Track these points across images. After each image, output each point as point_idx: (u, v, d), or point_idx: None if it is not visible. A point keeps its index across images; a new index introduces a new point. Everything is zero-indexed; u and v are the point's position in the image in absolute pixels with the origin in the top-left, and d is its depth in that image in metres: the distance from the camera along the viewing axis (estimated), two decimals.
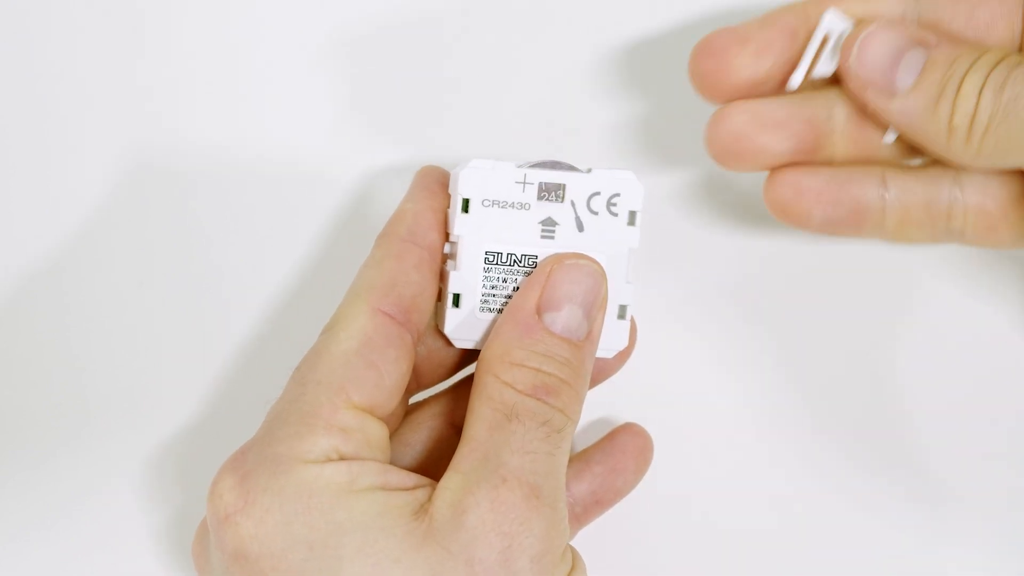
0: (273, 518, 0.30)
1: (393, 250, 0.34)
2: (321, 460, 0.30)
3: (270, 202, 0.43)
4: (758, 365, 0.42)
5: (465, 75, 0.42)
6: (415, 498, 0.31)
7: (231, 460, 0.31)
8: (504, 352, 0.33)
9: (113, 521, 0.40)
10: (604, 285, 0.34)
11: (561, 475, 0.32)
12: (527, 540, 0.30)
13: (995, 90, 0.32)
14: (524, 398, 0.32)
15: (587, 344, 0.33)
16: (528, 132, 0.42)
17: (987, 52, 0.32)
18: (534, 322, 0.33)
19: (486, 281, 0.34)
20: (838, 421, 0.41)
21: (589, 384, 0.34)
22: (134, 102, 0.43)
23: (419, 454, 0.37)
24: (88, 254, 0.42)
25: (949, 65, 0.32)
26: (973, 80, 0.32)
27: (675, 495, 0.41)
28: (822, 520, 0.41)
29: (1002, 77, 0.32)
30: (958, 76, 0.32)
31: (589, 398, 0.39)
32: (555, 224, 0.34)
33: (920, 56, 0.33)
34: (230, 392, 0.42)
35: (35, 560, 0.39)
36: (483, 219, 0.34)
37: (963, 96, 0.32)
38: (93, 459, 0.40)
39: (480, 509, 0.30)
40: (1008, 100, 0.31)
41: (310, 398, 0.31)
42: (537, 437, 0.31)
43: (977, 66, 0.32)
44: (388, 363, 0.32)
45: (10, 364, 0.41)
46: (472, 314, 0.35)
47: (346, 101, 0.42)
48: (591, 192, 0.34)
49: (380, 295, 0.33)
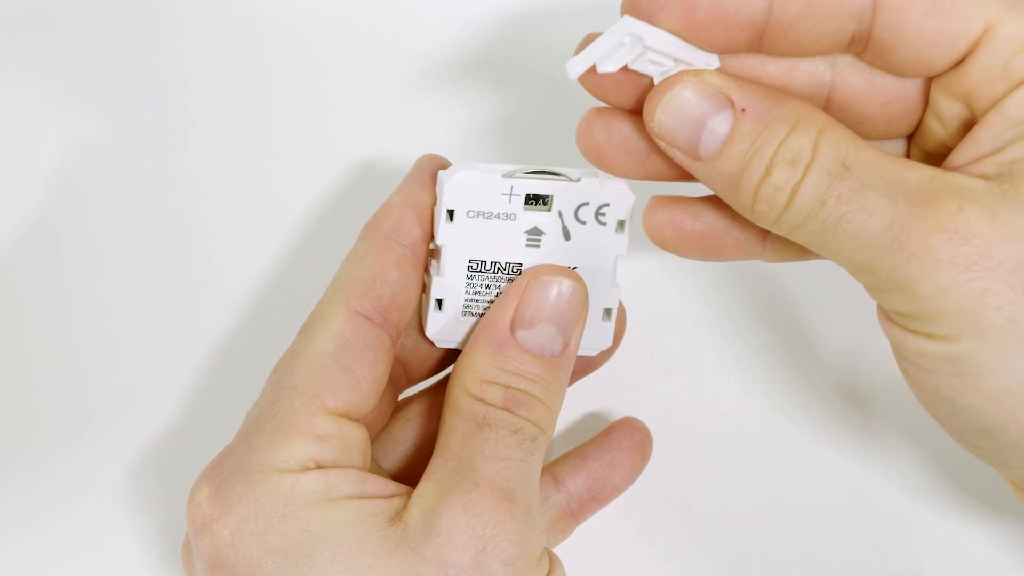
0: (249, 527, 0.30)
1: (375, 246, 0.33)
2: (297, 469, 0.30)
3: (270, 202, 0.43)
4: (759, 363, 0.41)
5: (468, 71, 0.42)
6: (391, 506, 0.31)
7: (209, 468, 0.31)
8: (476, 368, 0.33)
9: (113, 521, 0.40)
10: (583, 302, 0.33)
11: (535, 482, 0.32)
12: (501, 544, 0.30)
13: (814, 200, 0.28)
14: (495, 410, 0.32)
15: (562, 358, 0.33)
16: (527, 134, 0.42)
17: (800, 126, 0.28)
18: (507, 338, 0.33)
19: (469, 288, 0.34)
20: (839, 419, 0.41)
21: (570, 381, 0.34)
22: (134, 101, 0.43)
23: (408, 450, 0.37)
24: (88, 254, 0.42)
25: (753, 140, 0.29)
26: (783, 174, 0.28)
27: (675, 491, 0.40)
28: (823, 519, 0.40)
29: (823, 182, 0.28)
30: (765, 157, 0.29)
31: (588, 391, 0.39)
32: (541, 233, 0.34)
33: (726, 121, 0.29)
34: (230, 392, 0.42)
35: (34, 560, 0.39)
36: (468, 228, 0.33)
37: (773, 185, 0.29)
38: (93, 459, 0.40)
39: (453, 513, 0.30)
40: (830, 218, 0.28)
41: (285, 404, 0.31)
42: (510, 444, 0.31)
43: (788, 146, 0.28)
44: (364, 366, 0.32)
45: (10, 364, 0.41)
46: (455, 317, 0.34)
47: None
48: (579, 203, 0.33)
49: (358, 295, 0.33)
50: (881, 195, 0.27)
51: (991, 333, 0.27)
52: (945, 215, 0.27)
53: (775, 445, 0.41)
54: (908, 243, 0.27)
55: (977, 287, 0.26)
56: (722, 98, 0.29)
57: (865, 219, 0.28)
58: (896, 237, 0.27)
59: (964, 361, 0.27)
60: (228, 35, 0.43)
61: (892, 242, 0.27)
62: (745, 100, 0.29)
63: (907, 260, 0.27)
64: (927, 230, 0.27)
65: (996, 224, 0.27)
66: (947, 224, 0.27)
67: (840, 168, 0.28)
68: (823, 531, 0.40)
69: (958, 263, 0.27)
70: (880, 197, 0.27)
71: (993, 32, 0.27)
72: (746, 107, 0.29)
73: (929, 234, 0.27)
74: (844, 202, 0.28)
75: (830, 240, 0.28)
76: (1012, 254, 0.26)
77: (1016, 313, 0.26)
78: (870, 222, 0.27)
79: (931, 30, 0.28)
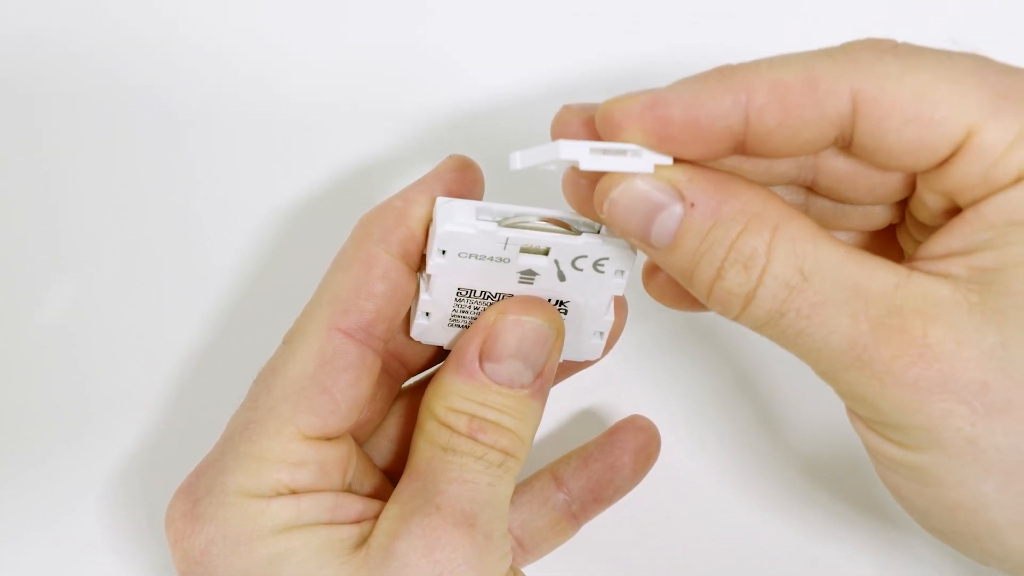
0: (217, 548, 0.31)
1: (361, 255, 0.32)
2: (269, 495, 0.31)
3: (271, 202, 0.43)
4: (761, 362, 0.41)
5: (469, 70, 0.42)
6: (359, 530, 0.31)
7: (185, 484, 0.32)
8: (444, 395, 0.33)
9: (113, 521, 0.40)
10: (552, 336, 0.33)
11: (500, 505, 0.32)
12: (459, 568, 0.30)
13: (772, 310, 0.27)
14: (460, 437, 0.32)
15: (534, 387, 0.33)
16: (528, 130, 0.42)
17: (753, 226, 0.27)
18: (474, 369, 0.33)
19: (457, 307, 0.33)
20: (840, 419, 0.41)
21: (559, 379, 0.34)
22: (134, 101, 0.43)
23: (401, 447, 0.37)
24: (88, 254, 0.42)
25: (703, 237, 0.28)
26: (736, 279, 0.27)
27: (678, 493, 0.40)
28: (824, 521, 0.40)
29: (781, 294, 0.27)
30: (716, 257, 0.28)
31: (589, 389, 0.39)
32: (535, 275, 0.32)
33: (675, 216, 0.28)
34: (230, 392, 0.41)
35: (34, 560, 0.39)
36: (459, 265, 0.32)
37: (726, 289, 0.28)
38: (93, 459, 0.40)
39: (412, 537, 0.30)
40: (790, 330, 0.27)
41: (261, 427, 0.31)
42: (476, 468, 0.32)
43: (739, 249, 0.27)
44: (344, 387, 0.32)
45: (10, 364, 0.41)
46: (441, 325, 0.34)
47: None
48: (577, 255, 0.32)
49: (340, 311, 0.32)
50: (842, 312, 0.27)
51: (950, 451, 0.27)
52: (909, 339, 0.26)
53: (780, 451, 0.41)
54: (871, 363, 0.26)
55: (940, 409, 0.26)
56: (672, 191, 0.28)
57: (826, 335, 0.27)
58: (858, 357, 0.27)
59: (922, 471, 0.27)
60: (228, 35, 0.43)
61: (854, 361, 0.27)
62: (695, 193, 0.28)
63: (869, 379, 0.27)
64: (890, 354, 0.26)
65: (961, 346, 0.26)
66: (911, 349, 0.26)
67: (798, 278, 0.27)
68: (829, 531, 0.40)
69: (921, 387, 0.26)
70: (841, 314, 0.27)
71: (975, 138, 0.26)
72: (696, 202, 0.28)
73: (892, 358, 0.26)
74: (804, 316, 0.27)
75: (790, 347, 0.28)
76: (976, 377, 0.26)
77: (976, 434, 0.26)
78: (831, 338, 0.27)
79: (911, 138, 0.27)
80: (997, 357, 0.26)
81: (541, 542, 0.37)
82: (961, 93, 0.26)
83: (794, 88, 0.27)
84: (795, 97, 0.27)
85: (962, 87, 0.26)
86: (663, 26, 0.44)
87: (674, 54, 0.42)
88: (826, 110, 0.27)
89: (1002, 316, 0.26)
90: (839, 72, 0.27)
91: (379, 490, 0.35)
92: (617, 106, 0.28)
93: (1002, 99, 0.26)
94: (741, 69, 0.27)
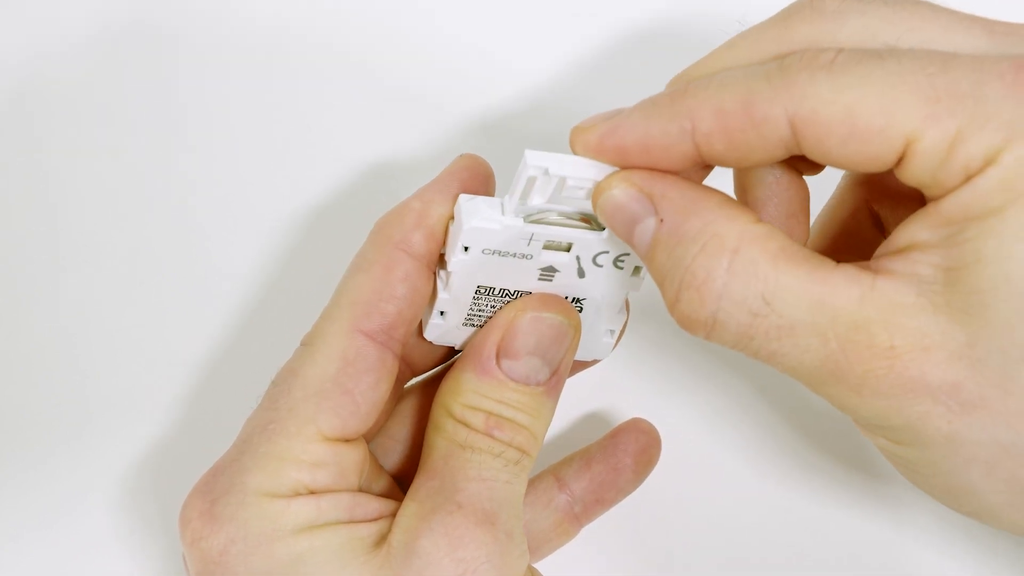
0: (237, 548, 0.31)
1: (382, 257, 0.32)
2: (288, 495, 0.31)
3: (271, 203, 0.43)
4: (762, 365, 0.41)
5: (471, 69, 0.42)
6: (378, 528, 0.31)
7: (202, 483, 0.32)
8: (460, 392, 0.33)
9: (113, 521, 0.40)
10: (570, 334, 0.33)
11: (518, 503, 0.32)
12: (482, 566, 0.30)
13: (740, 335, 0.28)
14: (477, 435, 0.32)
15: (549, 384, 0.33)
16: (534, 129, 0.42)
17: (711, 248, 0.28)
18: (491, 367, 0.33)
19: (474, 305, 0.33)
20: (842, 420, 0.41)
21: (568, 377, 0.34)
22: (134, 101, 0.43)
23: (408, 448, 0.37)
24: (88, 254, 0.42)
25: (669, 254, 0.28)
26: (690, 304, 0.28)
27: (680, 494, 0.40)
28: (825, 521, 0.40)
29: (745, 320, 0.27)
30: (676, 279, 0.28)
31: (592, 392, 0.39)
32: (555, 271, 0.33)
33: (650, 229, 0.29)
34: (230, 392, 0.41)
35: (34, 560, 0.39)
36: (482, 261, 0.32)
37: (683, 313, 0.28)
38: (93, 459, 0.40)
39: (434, 535, 0.30)
40: (762, 350, 0.28)
41: (281, 428, 0.31)
42: (494, 466, 0.32)
43: (694, 271, 0.28)
44: (365, 389, 0.32)
45: (10, 364, 0.41)
46: (456, 325, 0.34)
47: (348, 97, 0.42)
48: (600, 251, 0.32)
49: (362, 313, 0.32)
50: (810, 332, 0.27)
51: (933, 447, 0.27)
52: (878, 352, 0.27)
53: (782, 450, 0.41)
54: (845, 378, 0.27)
55: (917, 412, 0.27)
56: (647, 203, 0.29)
57: (799, 355, 0.27)
58: (832, 373, 0.27)
59: (913, 462, 0.29)
60: (229, 35, 0.43)
61: (829, 376, 0.27)
62: (665, 208, 0.29)
63: (847, 391, 0.27)
64: (863, 369, 0.27)
65: (928, 351, 0.27)
66: (881, 361, 0.27)
67: (760, 304, 0.27)
68: (833, 536, 0.40)
69: (896, 394, 0.27)
70: (810, 335, 0.27)
71: (915, 145, 0.26)
72: (664, 217, 0.29)
73: (865, 372, 0.27)
74: (773, 338, 0.28)
75: (768, 364, 0.28)
76: (947, 378, 0.27)
77: (954, 431, 0.27)
78: (804, 358, 0.27)
79: (854, 152, 0.27)
80: (966, 356, 0.26)
81: (543, 543, 0.37)
82: (893, 103, 0.26)
83: (734, 115, 0.27)
84: (736, 123, 0.27)
85: (893, 96, 0.26)
86: (664, 26, 0.44)
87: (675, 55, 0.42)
88: (766, 134, 0.27)
89: (966, 315, 0.26)
90: (773, 96, 0.27)
91: (388, 490, 0.35)
92: (578, 139, 0.30)
93: (935, 103, 0.26)
94: (690, 93, 0.28)
